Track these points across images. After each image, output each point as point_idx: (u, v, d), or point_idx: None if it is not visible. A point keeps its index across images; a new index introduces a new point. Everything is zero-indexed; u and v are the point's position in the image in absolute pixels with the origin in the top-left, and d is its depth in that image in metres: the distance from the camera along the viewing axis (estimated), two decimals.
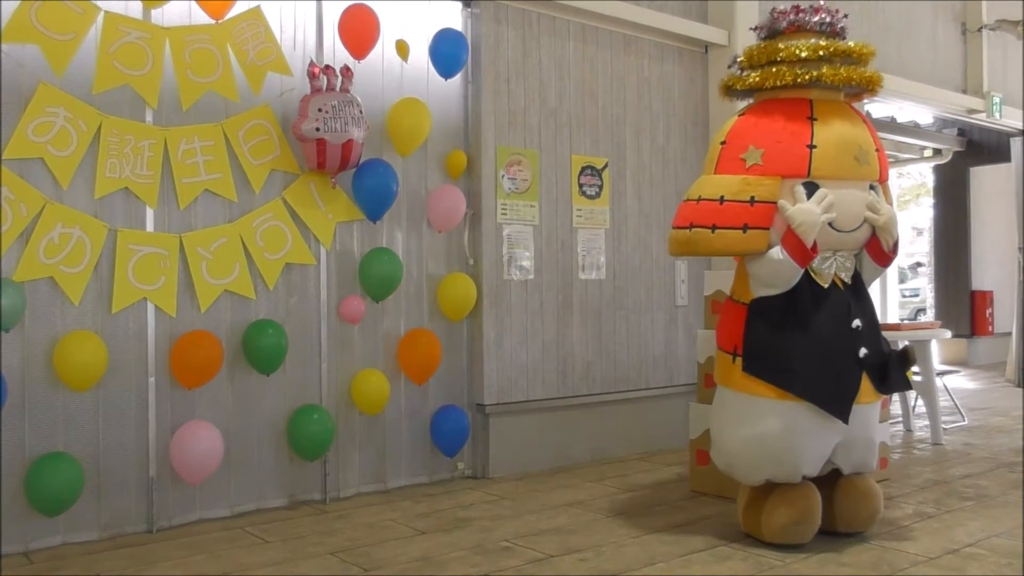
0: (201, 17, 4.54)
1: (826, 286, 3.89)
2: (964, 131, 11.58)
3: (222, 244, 4.56)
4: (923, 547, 3.92)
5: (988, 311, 12.12)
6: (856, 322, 3.88)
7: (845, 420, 3.77)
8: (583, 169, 6.05)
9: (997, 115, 9.59)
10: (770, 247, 3.82)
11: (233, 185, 4.61)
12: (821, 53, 3.88)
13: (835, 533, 4.00)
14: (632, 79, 6.39)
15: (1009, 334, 10.59)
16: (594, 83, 6.15)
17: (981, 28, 9.45)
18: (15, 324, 3.92)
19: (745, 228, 3.80)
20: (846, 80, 3.91)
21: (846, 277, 3.97)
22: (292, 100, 4.77)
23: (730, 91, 4.22)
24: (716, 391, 4.16)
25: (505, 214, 5.62)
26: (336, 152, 4.61)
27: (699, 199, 3.94)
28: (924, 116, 10.29)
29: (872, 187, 3.97)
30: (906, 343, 4.28)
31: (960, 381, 10.12)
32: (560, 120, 5.95)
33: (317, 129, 4.53)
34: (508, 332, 5.63)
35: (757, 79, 4.00)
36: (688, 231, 3.93)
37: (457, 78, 5.46)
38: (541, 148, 5.83)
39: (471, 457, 5.56)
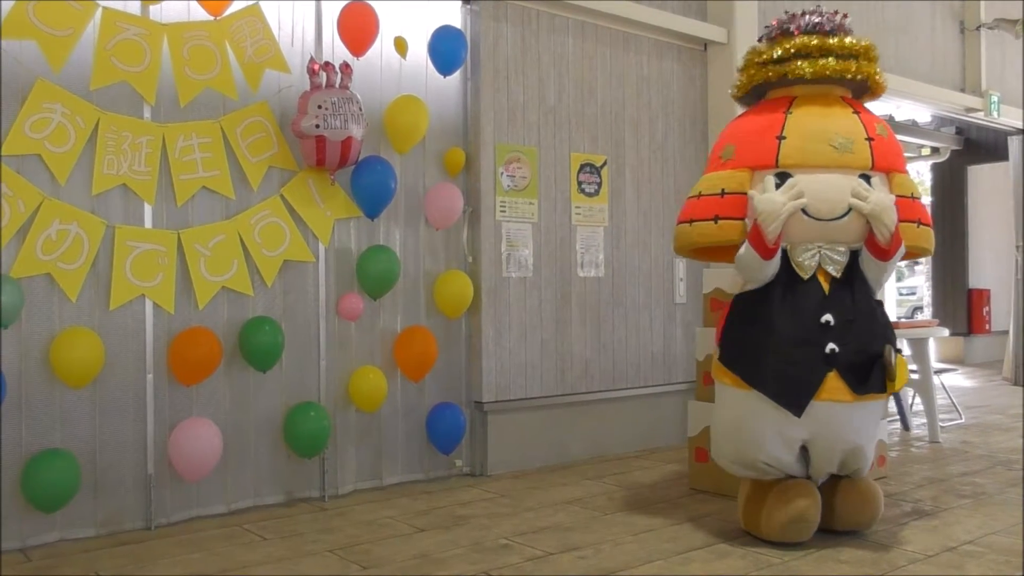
0: (200, 14, 4.52)
1: (806, 278, 3.86)
2: (962, 130, 11.59)
3: (220, 241, 4.55)
4: (921, 545, 3.92)
5: (985, 309, 12.15)
6: (826, 317, 3.80)
7: (797, 414, 3.77)
8: (582, 167, 6.05)
9: (995, 114, 9.60)
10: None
11: (231, 182, 4.60)
12: (827, 48, 3.95)
13: (834, 531, 4.00)
14: (631, 77, 6.38)
15: (1006, 332, 10.61)
16: (593, 81, 6.15)
17: (979, 27, 9.45)
18: (14, 320, 3.91)
19: (716, 219, 3.97)
20: (819, 73, 3.95)
21: (834, 271, 3.87)
22: (290, 97, 4.76)
23: (738, 99, 4.39)
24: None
25: (504, 211, 5.62)
26: (335, 149, 4.60)
27: (688, 198, 4.23)
28: (922, 115, 10.30)
29: (866, 176, 3.88)
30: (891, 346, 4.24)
31: (957, 379, 10.14)
32: (559, 117, 5.94)
33: (317, 126, 4.52)
34: (507, 329, 5.62)
35: (743, 81, 4.23)
36: (678, 227, 4.22)
37: (456, 75, 5.46)
38: (540, 145, 5.83)
39: (469, 455, 5.56)
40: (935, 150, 11.88)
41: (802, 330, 3.82)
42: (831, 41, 3.96)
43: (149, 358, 4.36)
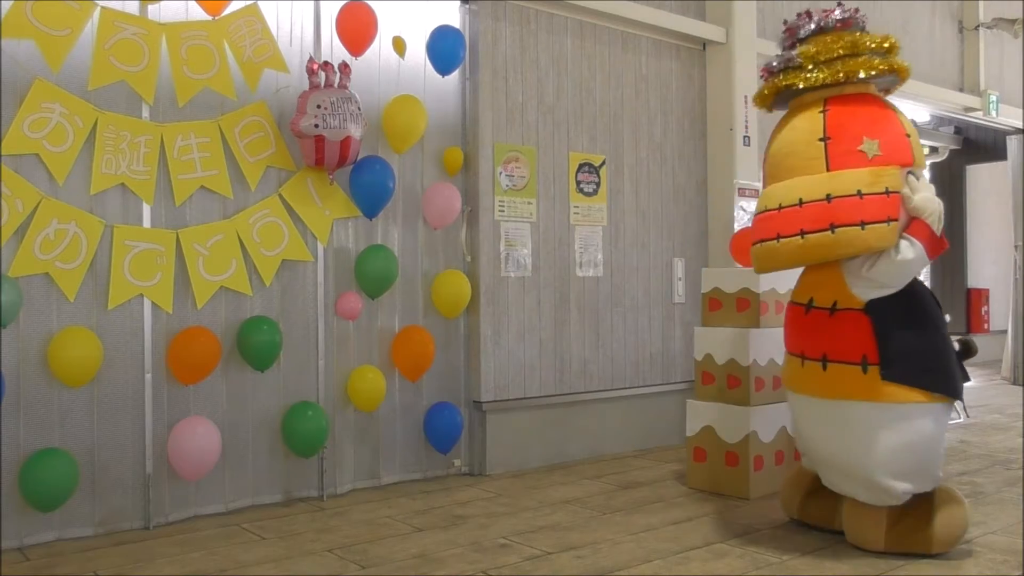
0: (198, 13, 4.52)
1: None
2: (961, 129, 11.59)
3: (218, 240, 4.55)
4: None
5: (984, 309, 12.15)
6: (947, 315, 3.85)
7: (966, 414, 3.78)
8: (580, 166, 6.05)
9: (994, 113, 9.60)
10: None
11: (229, 182, 4.60)
12: (886, 45, 3.84)
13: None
14: (630, 76, 6.39)
15: (1005, 332, 10.61)
16: (592, 80, 6.15)
17: (978, 26, 9.45)
18: (12, 320, 3.91)
19: (888, 221, 3.56)
20: (906, 73, 3.90)
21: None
22: (288, 97, 4.76)
23: (780, 95, 4.05)
24: (825, 407, 3.80)
25: (502, 211, 5.62)
26: (334, 149, 4.60)
27: (828, 198, 3.61)
28: (921, 114, 10.29)
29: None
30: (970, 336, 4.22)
31: None
32: (558, 117, 5.94)
33: (316, 126, 4.52)
34: (505, 329, 5.62)
35: (840, 73, 3.81)
36: (830, 233, 3.57)
37: (455, 75, 5.46)
38: (539, 145, 5.83)
39: (468, 454, 5.56)
40: (934, 150, 11.88)
41: (945, 330, 3.77)
42: (880, 38, 3.87)
43: (147, 358, 4.36)
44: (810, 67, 3.89)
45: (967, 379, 3.88)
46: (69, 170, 4.15)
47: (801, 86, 3.91)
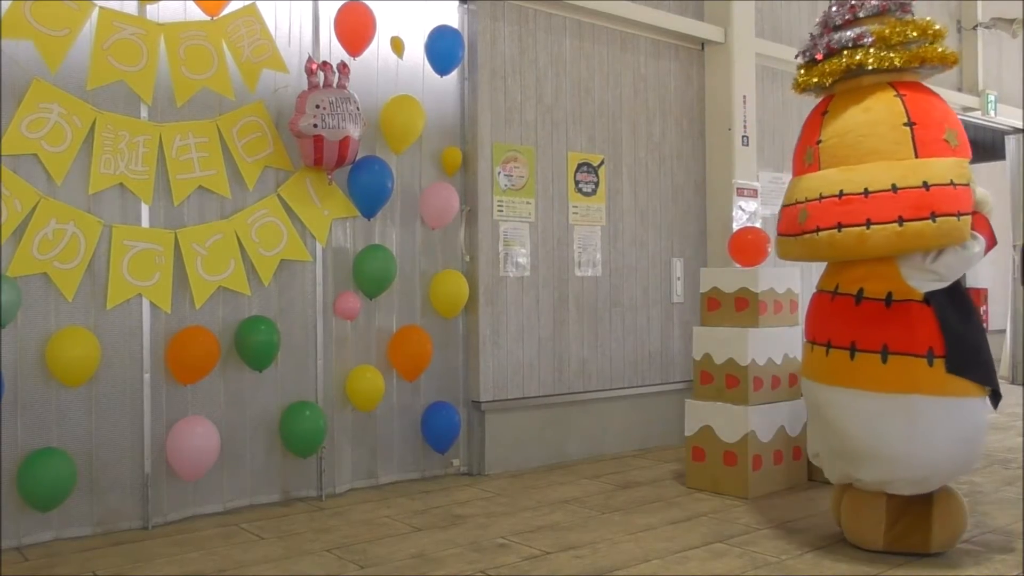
0: (197, 14, 4.52)
1: None
2: None
3: (217, 240, 4.55)
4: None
5: (983, 308, 12.14)
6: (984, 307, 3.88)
7: (996, 407, 3.74)
8: (579, 166, 6.05)
9: (992, 113, 9.61)
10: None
11: (227, 181, 4.60)
12: (930, 33, 3.79)
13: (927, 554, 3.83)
14: (628, 76, 6.39)
15: (1003, 331, 10.62)
16: (591, 80, 6.15)
17: (976, 26, 9.46)
18: (11, 320, 3.91)
19: (959, 215, 3.47)
20: (955, 63, 3.88)
21: None
22: (286, 97, 4.76)
23: (850, 73, 3.85)
24: (885, 401, 3.62)
25: (501, 211, 5.62)
26: (333, 149, 4.60)
27: (925, 185, 3.49)
28: None
29: None
30: None
31: None
32: (556, 117, 5.94)
33: (315, 126, 4.52)
34: (504, 329, 5.62)
35: (914, 56, 3.74)
36: (930, 222, 3.44)
37: (453, 75, 5.46)
38: (537, 145, 5.83)
39: (467, 454, 5.56)
40: None
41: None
42: (925, 25, 3.81)
43: (146, 357, 4.36)
44: (882, 48, 3.74)
45: None
46: (67, 170, 4.14)
47: (874, 66, 3.73)
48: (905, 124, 3.64)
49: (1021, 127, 10.19)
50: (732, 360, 4.95)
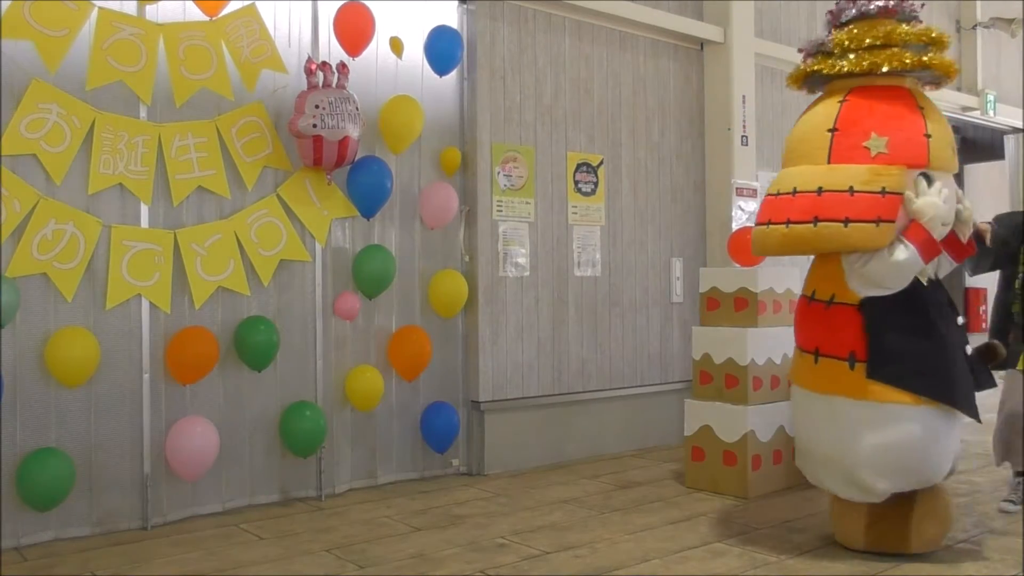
0: (196, 14, 4.52)
1: (926, 283, 3.68)
2: (958, 128, 11.55)
3: (216, 240, 4.55)
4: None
5: (981, 308, 12.13)
6: (960, 319, 3.76)
7: (979, 419, 3.63)
8: (578, 166, 6.05)
9: (991, 112, 9.61)
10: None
11: (226, 182, 4.60)
12: (924, 38, 3.70)
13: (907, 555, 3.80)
14: (627, 76, 6.39)
15: None
16: (590, 80, 6.15)
17: (975, 26, 9.47)
18: (10, 320, 3.91)
19: (878, 222, 3.49)
20: (948, 70, 3.75)
21: (933, 274, 3.77)
22: (284, 97, 4.76)
23: (810, 79, 3.95)
24: (814, 400, 3.77)
25: (500, 211, 5.62)
26: (333, 149, 4.60)
27: (819, 190, 3.58)
28: None
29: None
30: (995, 340, 4.10)
31: None
32: (556, 117, 5.94)
33: (314, 126, 4.52)
34: (503, 329, 5.62)
35: (863, 64, 3.68)
36: (812, 226, 3.56)
37: (452, 75, 5.46)
38: (537, 145, 5.83)
39: (466, 454, 5.56)
40: None
41: (958, 335, 3.68)
42: (932, 31, 3.74)
43: (145, 358, 4.36)
44: (838, 54, 3.77)
45: (991, 384, 3.81)
46: (67, 170, 4.14)
47: (825, 72, 3.80)
48: (829, 130, 3.72)
49: (1020, 127, 10.19)
50: (731, 360, 4.95)
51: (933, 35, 3.73)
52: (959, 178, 12.77)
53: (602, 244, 6.17)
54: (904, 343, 3.56)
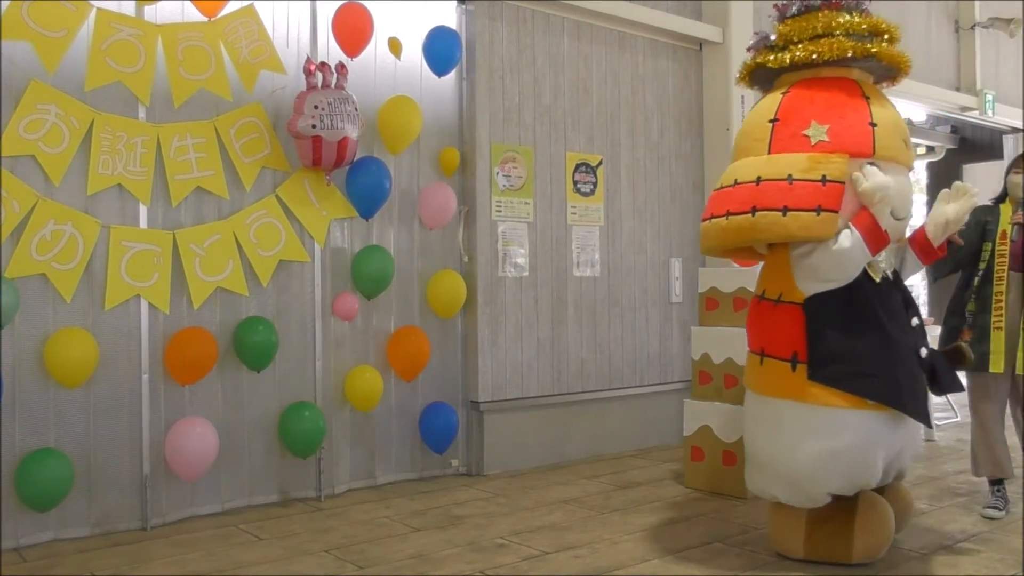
0: (194, 15, 4.53)
1: (878, 280, 3.52)
2: (957, 128, 11.59)
3: (215, 241, 4.55)
4: (917, 543, 3.93)
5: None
6: (915, 319, 3.62)
7: (929, 423, 3.53)
8: (578, 166, 6.05)
9: (990, 112, 9.61)
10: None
11: (225, 182, 4.60)
12: (864, 27, 3.63)
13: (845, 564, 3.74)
14: (626, 76, 6.39)
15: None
16: (589, 80, 6.15)
17: (974, 26, 9.46)
18: (9, 321, 3.91)
19: (819, 210, 3.34)
20: (895, 59, 3.63)
21: (890, 272, 3.64)
22: (283, 98, 4.76)
23: (756, 73, 3.88)
24: (759, 403, 3.68)
25: (500, 211, 5.62)
26: (332, 149, 4.60)
27: (758, 180, 3.47)
28: (917, 113, 10.30)
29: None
30: (962, 342, 4.04)
31: None
32: (555, 117, 5.94)
33: (313, 126, 4.52)
34: (502, 329, 5.63)
35: (802, 54, 3.60)
36: (750, 216, 3.43)
37: (451, 75, 5.46)
38: (536, 145, 5.83)
39: (465, 454, 5.56)
40: (930, 149, 11.88)
41: (907, 335, 3.52)
42: (882, 22, 3.69)
43: (144, 358, 4.36)
44: (781, 46, 3.71)
45: (957, 387, 3.71)
46: (65, 171, 4.14)
47: (771, 66, 3.72)
48: (770, 121, 3.63)
49: (1019, 126, 10.20)
50: (731, 360, 4.95)
51: (882, 26, 3.66)
52: (955, 178, 12.79)
53: (601, 244, 6.17)
54: (845, 343, 3.42)
